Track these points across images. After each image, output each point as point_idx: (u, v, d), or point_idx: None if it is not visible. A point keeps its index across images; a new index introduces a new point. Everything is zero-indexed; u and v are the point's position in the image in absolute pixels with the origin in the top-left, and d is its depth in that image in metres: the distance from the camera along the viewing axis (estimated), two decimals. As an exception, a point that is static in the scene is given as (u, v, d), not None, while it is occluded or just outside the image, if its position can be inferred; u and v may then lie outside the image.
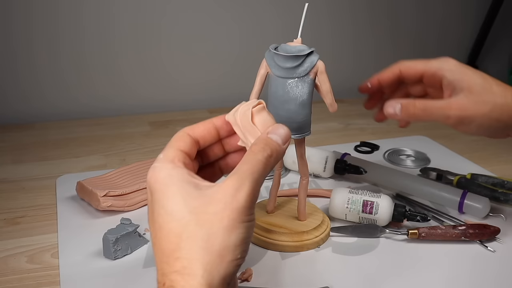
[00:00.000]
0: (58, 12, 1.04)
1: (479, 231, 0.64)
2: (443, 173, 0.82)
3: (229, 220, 0.36)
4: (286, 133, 0.42)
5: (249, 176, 0.38)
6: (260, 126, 0.43)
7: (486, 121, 0.55)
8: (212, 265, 0.35)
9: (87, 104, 1.13)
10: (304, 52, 0.50)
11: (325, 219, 0.66)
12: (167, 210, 0.37)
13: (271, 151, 0.40)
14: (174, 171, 0.39)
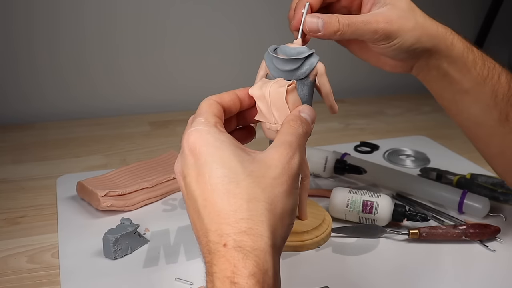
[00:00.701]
0: (58, 12, 1.04)
1: (480, 230, 0.64)
2: (443, 173, 0.82)
3: (288, 185, 0.37)
4: (314, 114, 0.44)
5: (298, 147, 0.40)
6: (291, 105, 0.45)
7: (409, 38, 0.54)
8: (275, 227, 0.36)
9: (87, 104, 1.13)
10: (303, 54, 0.50)
11: (327, 218, 0.66)
12: (223, 171, 0.37)
13: (306, 128, 0.42)
14: (222, 136, 0.39)
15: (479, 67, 0.57)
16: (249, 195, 0.36)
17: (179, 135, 1.12)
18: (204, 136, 0.39)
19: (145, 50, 1.14)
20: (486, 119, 0.58)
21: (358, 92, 1.33)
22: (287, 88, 0.44)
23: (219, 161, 0.37)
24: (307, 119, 0.43)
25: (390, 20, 0.52)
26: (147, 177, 0.75)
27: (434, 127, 1.11)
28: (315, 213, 0.66)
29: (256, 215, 0.36)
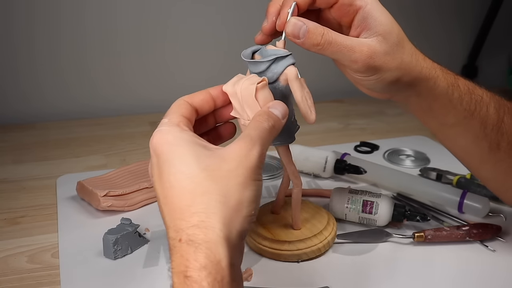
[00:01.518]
0: (59, 13, 1.04)
1: (482, 230, 0.64)
2: (443, 173, 0.82)
3: (243, 177, 0.38)
4: (285, 109, 0.44)
5: (259, 140, 0.40)
6: (261, 102, 0.45)
7: (388, 77, 0.50)
8: (229, 219, 0.37)
9: (87, 104, 1.13)
10: (269, 57, 0.47)
11: (326, 230, 0.62)
12: (179, 169, 0.38)
13: (274, 122, 0.43)
14: (183, 134, 0.40)
15: (466, 102, 0.54)
16: (202, 189, 0.37)
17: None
18: (164, 135, 0.40)
19: (146, 50, 1.14)
20: (476, 149, 0.57)
21: (358, 92, 1.32)
22: (256, 86, 0.44)
23: (176, 159, 0.39)
24: (277, 114, 0.43)
25: (374, 54, 0.48)
26: (147, 177, 0.75)
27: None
28: (314, 221, 0.63)
29: (208, 208, 0.37)
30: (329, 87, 1.30)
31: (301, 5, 0.49)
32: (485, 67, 1.45)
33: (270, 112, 0.43)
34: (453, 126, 0.55)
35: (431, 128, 0.58)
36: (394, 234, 0.65)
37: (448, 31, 1.37)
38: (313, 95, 0.51)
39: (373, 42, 0.48)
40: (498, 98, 0.56)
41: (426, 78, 0.52)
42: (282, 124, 0.44)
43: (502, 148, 0.56)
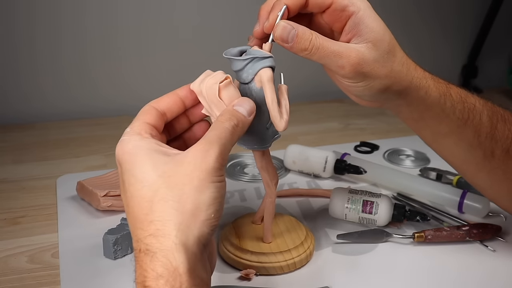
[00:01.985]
0: (59, 13, 1.04)
1: (482, 230, 0.64)
2: (443, 173, 0.82)
3: (199, 180, 0.37)
4: (251, 106, 0.44)
5: (217, 141, 0.39)
6: (227, 101, 0.44)
7: (377, 85, 0.48)
8: (185, 224, 0.36)
9: (88, 105, 1.13)
10: (246, 57, 0.46)
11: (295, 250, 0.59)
12: (137, 178, 0.38)
13: (237, 120, 0.42)
14: (142, 142, 0.40)
15: (459, 111, 0.53)
16: (159, 197, 0.37)
17: (179, 135, 1.10)
18: (124, 145, 0.40)
19: (146, 51, 1.14)
20: (471, 157, 0.56)
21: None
22: (219, 85, 0.43)
23: (135, 168, 0.38)
24: (241, 112, 0.43)
25: (363, 61, 0.46)
26: (147, 177, 0.75)
27: (434, 127, 1.11)
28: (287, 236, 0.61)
29: (163, 215, 0.36)
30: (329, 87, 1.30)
31: (292, 9, 0.48)
32: (485, 67, 1.45)
33: (233, 110, 0.42)
34: (447, 135, 0.55)
35: (424, 137, 0.58)
36: (394, 234, 0.65)
37: (448, 31, 1.37)
38: (313, 95, 0.50)
39: (362, 48, 0.47)
40: (491, 105, 0.55)
41: (417, 88, 0.51)
42: (248, 122, 0.43)
43: (496, 156, 0.55)
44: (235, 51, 0.49)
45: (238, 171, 0.85)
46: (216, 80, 0.44)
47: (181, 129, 0.48)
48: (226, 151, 0.40)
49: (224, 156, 0.39)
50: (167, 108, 0.45)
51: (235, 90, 0.45)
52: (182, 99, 0.46)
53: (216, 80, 0.44)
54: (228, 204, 0.74)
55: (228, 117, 0.42)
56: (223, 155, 0.39)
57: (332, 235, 0.65)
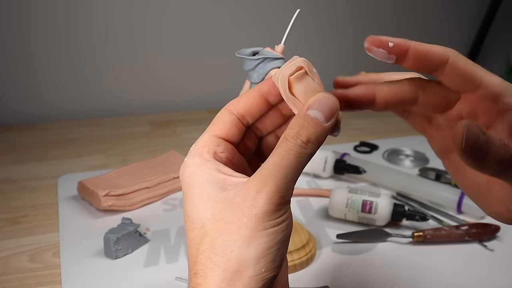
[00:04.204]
0: (53, 15, 1.04)
1: (481, 230, 0.65)
2: (442, 173, 0.82)
3: (247, 230, 0.31)
4: (331, 105, 0.33)
5: (275, 173, 0.31)
6: (302, 98, 0.34)
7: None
8: (228, 282, 0.31)
9: (85, 105, 1.13)
10: (258, 57, 0.47)
11: (296, 253, 0.59)
12: (189, 215, 0.33)
13: (308, 135, 0.32)
14: (200, 168, 0.34)
15: None
16: (203, 245, 0.32)
17: (179, 135, 1.13)
18: (183, 170, 0.35)
19: (145, 51, 1.14)
20: None
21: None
22: (289, 79, 0.34)
23: (188, 202, 0.34)
24: (317, 117, 0.32)
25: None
26: (148, 177, 0.75)
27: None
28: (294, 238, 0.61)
29: (205, 270, 0.32)
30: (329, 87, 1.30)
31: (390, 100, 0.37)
32: (484, 67, 1.45)
33: (305, 117, 0.32)
34: None
35: None
36: (394, 234, 0.65)
37: (447, 31, 1.38)
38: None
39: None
40: None
41: None
42: (327, 129, 0.33)
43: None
44: (248, 51, 0.49)
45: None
46: (289, 72, 0.34)
47: (274, 126, 0.39)
48: (287, 184, 0.31)
49: (283, 193, 0.31)
50: (245, 110, 0.37)
51: (312, 82, 0.35)
52: (264, 95, 0.37)
53: (289, 71, 0.34)
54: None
55: (296, 132, 0.32)
56: (282, 191, 0.31)
57: (332, 235, 0.66)
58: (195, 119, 1.12)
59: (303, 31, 1.20)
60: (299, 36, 1.17)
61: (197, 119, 1.12)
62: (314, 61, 0.48)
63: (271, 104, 0.38)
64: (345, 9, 1.25)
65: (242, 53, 0.49)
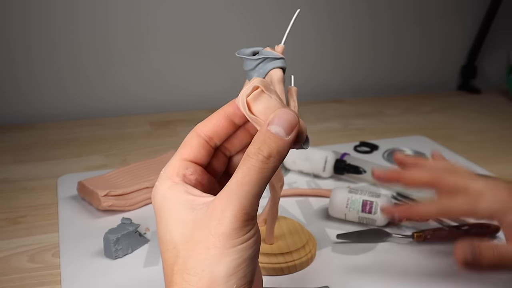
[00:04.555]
0: (54, 16, 1.04)
1: (482, 230, 0.65)
2: (442, 173, 0.82)
3: (216, 249, 0.32)
4: (290, 119, 0.34)
5: (238, 191, 0.32)
6: (262, 116, 0.35)
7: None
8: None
9: (86, 105, 1.13)
10: (258, 57, 0.46)
11: (296, 253, 0.59)
12: (162, 238, 0.34)
13: (269, 150, 0.33)
14: (169, 192, 0.35)
15: None
16: (177, 266, 0.33)
17: (179, 135, 1.13)
18: (154, 194, 0.36)
19: (145, 52, 1.14)
20: None
21: (357, 92, 1.33)
22: (246, 100, 0.35)
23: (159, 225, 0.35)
24: (278, 133, 0.33)
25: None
26: (148, 177, 0.75)
27: (433, 127, 1.11)
28: (288, 241, 0.61)
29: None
30: (329, 87, 1.30)
31: None
32: (484, 68, 1.45)
33: (266, 134, 0.33)
34: None
35: None
36: (394, 234, 0.65)
37: (447, 31, 1.38)
38: (313, 96, 0.50)
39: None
40: None
41: None
42: (288, 143, 0.34)
43: None
44: (248, 51, 0.49)
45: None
46: (246, 93, 0.36)
47: (242, 145, 0.40)
48: (251, 200, 0.32)
49: (248, 209, 0.32)
50: (212, 132, 0.38)
51: (271, 99, 0.36)
52: (230, 117, 0.38)
53: (246, 92, 0.36)
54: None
55: (257, 148, 0.33)
56: (246, 208, 0.32)
57: (332, 235, 0.66)
58: (195, 119, 1.11)
59: (303, 31, 1.20)
60: (299, 36, 1.17)
61: (197, 119, 1.11)
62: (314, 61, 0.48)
63: (237, 125, 0.39)
64: (345, 10, 1.25)
65: (242, 53, 0.49)
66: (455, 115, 1.21)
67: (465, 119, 1.18)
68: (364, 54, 1.32)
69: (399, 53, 1.35)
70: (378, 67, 1.35)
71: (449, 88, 1.44)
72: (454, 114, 1.22)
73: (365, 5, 1.27)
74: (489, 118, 1.19)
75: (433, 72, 1.42)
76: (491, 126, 1.13)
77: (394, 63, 1.36)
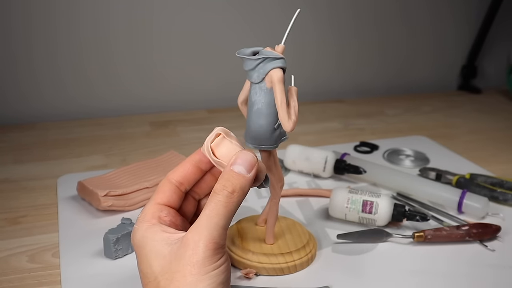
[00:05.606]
0: (55, 14, 1.04)
1: (482, 230, 0.65)
2: (442, 173, 0.82)
3: (192, 276, 0.36)
4: (250, 159, 0.40)
5: (207, 223, 0.37)
6: (225, 159, 0.41)
7: None
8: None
9: (86, 105, 1.13)
10: (258, 57, 0.47)
11: (296, 253, 0.59)
12: (143, 272, 0.39)
13: (233, 186, 0.39)
14: (148, 232, 0.40)
15: None
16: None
17: (179, 135, 1.13)
18: (134, 235, 0.41)
19: (144, 51, 1.14)
20: None
21: (357, 92, 1.33)
22: (210, 146, 0.41)
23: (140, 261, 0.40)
24: (240, 172, 0.39)
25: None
26: (147, 177, 0.75)
27: (434, 127, 1.11)
28: (288, 241, 0.61)
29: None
30: (329, 87, 1.30)
31: None
32: (484, 68, 1.45)
33: (229, 172, 0.39)
34: None
35: None
36: (394, 234, 0.65)
37: (447, 31, 1.38)
38: (313, 96, 0.50)
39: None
40: None
41: None
42: (249, 180, 0.39)
43: None
44: (248, 51, 0.49)
45: (238, 171, 0.85)
46: (210, 140, 0.42)
47: (209, 188, 0.45)
48: (219, 231, 0.37)
49: (217, 239, 0.37)
50: (182, 178, 0.43)
51: (231, 144, 0.41)
52: (197, 164, 0.44)
53: (210, 139, 0.42)
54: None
55: (223, 185, 0.39)
56: (215, 239, 0.37)
57: (332, 235, 0.66)
58: (195, 119, 1.12)
59: (303, 31, 1.20)
60: (299, 36, 1.17)
61: (197, 119, 1.12)
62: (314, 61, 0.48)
63: (203, 171, 0.44)
64: (346, 9, 1.25)
65: (242, 53, 0.49)
66: (455, 115, 1.21)
67: (465, 119, 1.18)
68: (364, 54, 1.32)
69: (399, 53, 1.35)
70: (379, 67, 1.35)
71: (449, 88, 1.44)
72: (455, 114, 1.22)
73: (366, 5, 1.26)
74: (490, 118, 1.19)
75: (434, 72, 1.42)
76: (491, 126, 1.13)
77: (395, 63, 1.36)
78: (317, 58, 1.26)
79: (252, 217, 0.66)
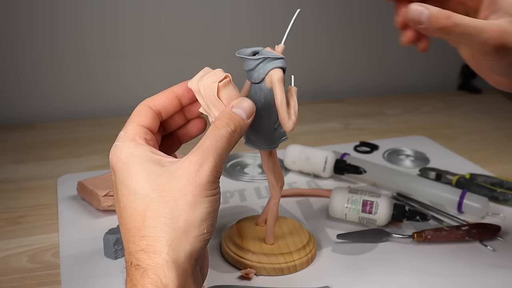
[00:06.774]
0: (57, 14, 1.04)
1: (482, 230, 0.65)
2: (442, 173, 0.82)
3: (193, 196, 0.37)
4: (250, 108, 0.42)
5: (213, 152, 0.38)
6: (225, 101, 0.43)
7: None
8: (177, 241, 0.36)
9: (87, 105, 1.13)
10: (258, 57, 0.47)
11: (297, 253, 0.59)
12: (130, 189, 0.38)
13: (235, 126, 0.40)
14: (136, 150, 0.39)
15: None
16: (152, 211, 0.36)
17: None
18: (118, 152, 0.40)
19: (144, 52, 1.14)
20: None
21: (358, 92, 1.33)
22: (218, 85, 0.42)
23: (128, 179, 0.38)
24: (241, 115, 0.41)
25: (505, 34, 0.43)
26: (148, 177, 0.75)
27: (434, 127, 1.11)
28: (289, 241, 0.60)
29: (155, 231, 0.36)
30: (329, 87, 1.30)
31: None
32: (485, 67, 1.45)
33: (231, 113, 0.41)
34: None
35: None
36: (394, 234, 0.65)
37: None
38: (313, 96, 0.50)
39: (503, 22, 0.43)
40: None
41: None
42: (246, 125, 0.42)
43: None
44: (248, 51, 0.49)
45: (238, 171, 0.85)
46: (215, 79, 0.43)
47: (176, 126, 0.48)
48: (221, 162, 0.39)
49: (219, 169, 0.39)
50: (162, 108, 0.44)
51: (234, 89, 0.44)
52: (178, 97, 0.45)
53: (215, 79, 0.43)
54: (228, 204, 0.74)
55: (226, 122, 0.40)
56: (218, 167, 0.38)
57: (332, 235, 0.66)
58: (195, 119, 1.12)
59: (303, 31, 1.20)
60: (299, 36, 1.17)
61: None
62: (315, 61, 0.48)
63: (182, 106, 0.46)
64: (346, 9, 1.25)
65: (242, 53, 0.49)
66: (455, 115, 1.21)
67: (465, 119, 1.18)
68: (364, 54, 1.32)
69: (400, 53, 1.35)
70: (379, 67, 1.35)
71: (449, 88, 1.44)
72: (455, 114, 1.22)
73: (366, 5, 1.26)
74: (490, 117, 1.19)
75: (434, 72, 1.42)
76: (491, 125, 1.13)
77: (395, 63, 1.36)
78: (317, 58, 1.26)
79: (252, 217, 0.66)
